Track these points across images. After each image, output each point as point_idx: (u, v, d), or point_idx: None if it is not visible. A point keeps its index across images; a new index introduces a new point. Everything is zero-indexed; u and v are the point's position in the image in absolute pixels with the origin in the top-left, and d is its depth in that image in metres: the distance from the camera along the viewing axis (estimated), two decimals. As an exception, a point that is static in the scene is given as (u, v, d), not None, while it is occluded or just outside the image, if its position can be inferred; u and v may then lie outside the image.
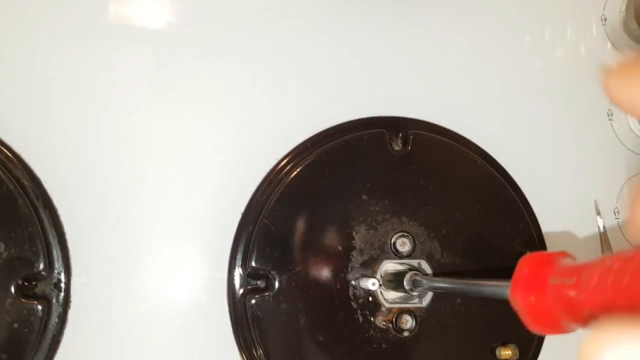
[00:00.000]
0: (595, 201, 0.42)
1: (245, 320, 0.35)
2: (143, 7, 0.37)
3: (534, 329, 0.17)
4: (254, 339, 0.34)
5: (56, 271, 0.33)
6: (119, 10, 0.37)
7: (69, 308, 0.33)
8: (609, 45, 0.45)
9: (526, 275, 0.17)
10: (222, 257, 0.36)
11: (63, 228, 0.34)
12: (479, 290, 0.24)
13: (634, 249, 0.13)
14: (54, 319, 0.32)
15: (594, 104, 0.44)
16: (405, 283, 0.32)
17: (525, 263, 0.18)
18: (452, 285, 0.28)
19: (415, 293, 0.33)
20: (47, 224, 0.33)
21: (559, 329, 0.16)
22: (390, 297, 0.36)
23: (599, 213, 0.42)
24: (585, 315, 0.14)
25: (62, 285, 0.33)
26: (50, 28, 0.36)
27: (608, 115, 0.44)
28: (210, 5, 0.38)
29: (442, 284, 0.31)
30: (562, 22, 0.45)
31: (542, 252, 0.17)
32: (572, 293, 0.15)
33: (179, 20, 0.38)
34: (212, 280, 0.36)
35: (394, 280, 0.35)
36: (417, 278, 0.32)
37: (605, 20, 0.46)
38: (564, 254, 0.17)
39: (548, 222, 0.40)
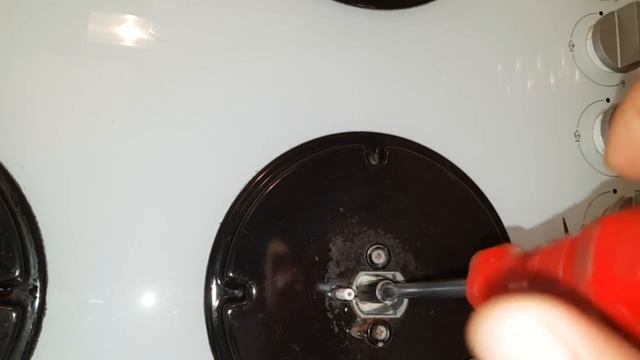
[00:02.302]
0: (563, 219, 0.44)
1: (221, 329, 0.35)
2: (124, 25, 0.38)
3: None
4: (230, 349, 0.34)
5: (32, 278, 0.33)
6: (98, 29, 0.38)
7: (44, 315, 0.33)
8: (577, 71, 0.48)
9: (480, 277, 0.19)
10: (199, 266, 0.36)
11: (41, 235, 0.34)
12: (443, 291, 0.25)
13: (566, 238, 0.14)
14: (28, 326, 0.32)
15: (563, 126, 0.46)
16: (377, 292, 0.33)
17: (479, 263, 0.19)
18: (420, 289, 0.29)
19: (387, 302, 0.34)
20: (24, 230, 0.33)
21: None
22: (365, 308, 0.37)
23: (566, 230, 0.44)
24: None
25: (38, 292, 0.33)
26: (30, 40, 0.36)
27: (575, 136, 0.46)
28: (190, 21, 0.39)
29: (411, 289, 0.32)
30: (531, 48, 0.47)
31: (492, 249, 0.19)
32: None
33: (160, 35, 0.38)
34: (189, 290, 0.36)
35: (368, 292, 0.36)
36: (389, 287, 0.32)
37: (573, 46, 0.48)
38: (508, 247, 0.18)
39: (517, 237, 0.42)
